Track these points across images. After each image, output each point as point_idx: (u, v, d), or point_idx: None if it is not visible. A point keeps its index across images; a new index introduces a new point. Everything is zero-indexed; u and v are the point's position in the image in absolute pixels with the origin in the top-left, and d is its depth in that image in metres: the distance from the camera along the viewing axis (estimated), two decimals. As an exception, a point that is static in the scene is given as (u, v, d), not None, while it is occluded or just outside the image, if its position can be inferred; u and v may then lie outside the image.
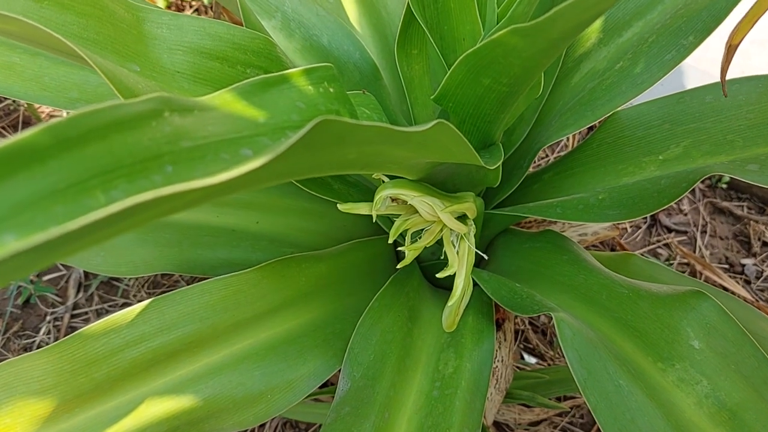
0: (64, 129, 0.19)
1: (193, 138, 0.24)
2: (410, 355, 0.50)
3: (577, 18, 0.27)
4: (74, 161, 0.19)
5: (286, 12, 0.59)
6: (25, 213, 0.17)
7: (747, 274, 0.92)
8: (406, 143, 0.31)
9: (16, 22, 0.31)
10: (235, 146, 0.26)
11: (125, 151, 0.21)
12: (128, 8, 0.39)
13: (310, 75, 0.33)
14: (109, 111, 0.21)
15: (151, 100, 0.23)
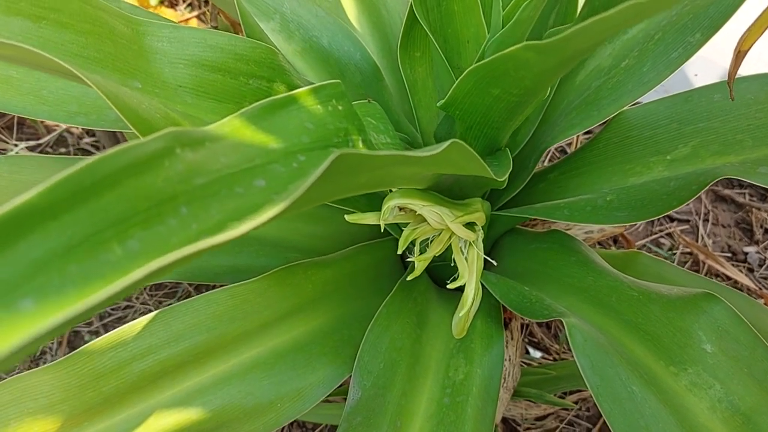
0: (78, 179, 0.18)
1: (206, 173, 0.23)
2: (420, 362, 0.50)
3: (595, 38, 0.27)
4: (88, 213, 0.18)
5: (285, 13, 0.58)
6: (40, 275, 0.17)
7: (750, 262, 0.92)
8: (418, 164, 0.30)
9: (14, 48, 0.30)
10: (249, 177, 0.25)
11: (140, 196, 0.20)
12: (127, 23, 0.38)
13: (318, 94, 0.32)
14: (123, 155, 0.20)
15: (162, 137, 0.22)
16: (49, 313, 0.16)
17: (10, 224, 0.17)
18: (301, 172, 0.28)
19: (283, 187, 0.26)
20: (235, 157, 0.25)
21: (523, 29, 0.43)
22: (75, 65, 0.34)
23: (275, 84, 0.44)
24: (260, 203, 0.24)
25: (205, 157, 0.24)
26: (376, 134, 0.41)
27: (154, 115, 0.35)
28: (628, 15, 0.23)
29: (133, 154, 0.21)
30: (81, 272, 0.17)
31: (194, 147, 0.24)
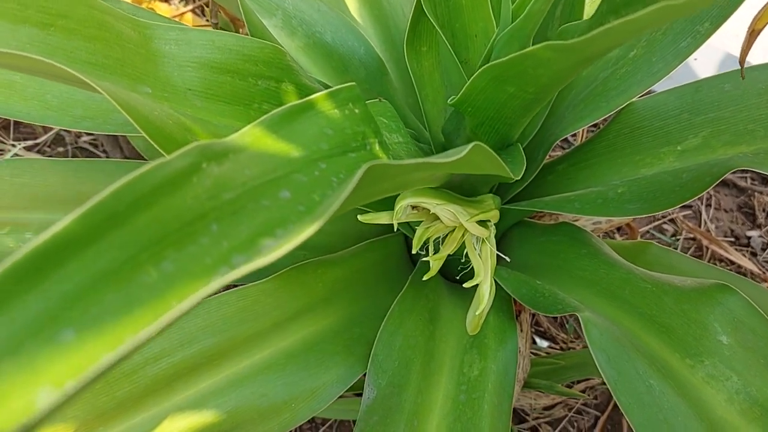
0: (110, 204, 0.18)
1: (233, 187, 0.23)
2: (434, 358, 0.50)
3: (621, 39, 0.26)
4: (123, 238, 0.18)
5: (287, 9, 0.58)
6: (79, 304, 0.16)
7: (753, 246, 0.93)
8: (441, 168, 0.30)
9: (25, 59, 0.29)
10: (274, 189, 0.25)
11: (171, 216, 0.20)
12: (135, 26, 0.38)
13: (334, 98, 0.31)
14: (152, 175, 0.20)
15: (189, 153, 0.22)
16: (90, 343, 0.16)
17: (47, 253, 0.16)
18: (323, 181, 0.28)
19: (307, 197, 0.26)
20: (259, 169, 0.25)
21: (534, 22, 0.42)
22: (85, 72, 0.34)
23: (283, 84, 0.43)
24: (286, 216, 0.24)
25: (230, 170, 0.23)
26: (388, 134, 0.40)
27: (167, 121, 0.34)
28: (659, 16, 0.22)
29: (162, 174, 0.20)
30: (119, 299, 0.17)
31: (219, 160, 0.23)
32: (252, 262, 0.19)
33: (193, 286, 0.19)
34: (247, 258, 0.21)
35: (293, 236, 0.19)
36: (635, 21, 0.23)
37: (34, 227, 0.61)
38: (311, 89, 0.45)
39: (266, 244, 0.22)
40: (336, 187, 0.28)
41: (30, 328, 0.15)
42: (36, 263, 0.16)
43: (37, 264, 0.16)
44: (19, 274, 0.16)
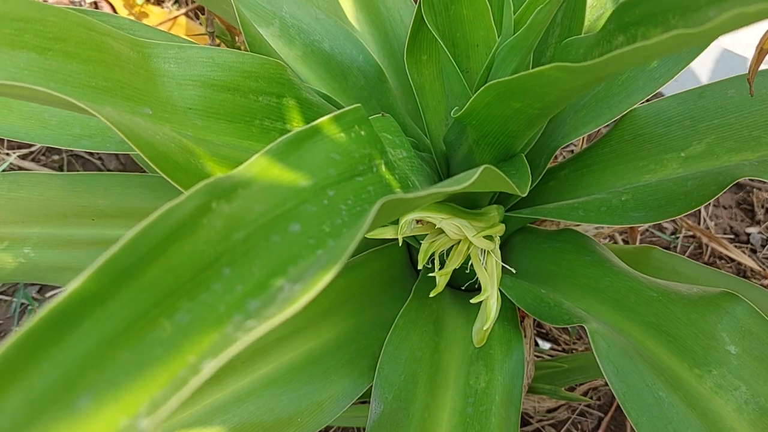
0: (121, 259, 0.17)
1: (244, 225, 0.22)
2: (440, 371, 0.50)
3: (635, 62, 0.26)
4: (136, 293, 0.18)
5: (284, 18, 0.57)
6: (94, 368, 0.16)
7: (752, 243, 0.93)
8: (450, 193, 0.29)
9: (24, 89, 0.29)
10: (284, 223, 0.24)
11: (183, 264, 0.19)
12: (133, 46, 0.37)
13: (340, 121, 0.31)
14: (162, 222, 0.19)
15: (197, 194, 0.21)
16: (107, 408, 0.15)
17: (63, 315, 0.16)
18: (332, 210, 0.27)
19: (316, 229, 0.25)
20: (268, 203, 0.24)
21: (537, 32, 0.42)
22: (85, 96, 0.33)
23: (284, 99, 0.43)
24: (297, 252, 0.24)
25: (239, 207, 0.23)
26: (392, 149, 0.40)
27: (169, 145, 0.33)
28: (675, 43, 0.22)
29: (173, 219, 0.20)
30: (134, 357, 0.17)
31: (228, 198, 0.23)
32: (267, 316, 0.19)
33: (207, 338, 0.18)
34: (261, 303, 0.20)
35: (308, 286, 0.19)
36: (650, 47, 0.23)
37: (31, 242, 0.60)
38: (312, 103, 0.45)
39: (279, 284, 0.21)
40: (344, 215, 0.28)
41: (48, 396, 0.15)
42: (52, 325, 0.15)
43: (53, 326, 0.15)
44: (36, 338, 0.15)
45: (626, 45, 0.29)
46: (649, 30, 0.27)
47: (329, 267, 0.19)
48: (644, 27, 0.27)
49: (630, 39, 0.29)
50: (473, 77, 0.50)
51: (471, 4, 0.46)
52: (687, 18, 0.25)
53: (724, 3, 0.23)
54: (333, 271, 0.19)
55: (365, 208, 0.29)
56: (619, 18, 0.30)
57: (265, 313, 0.18)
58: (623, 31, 0.29)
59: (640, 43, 0.23)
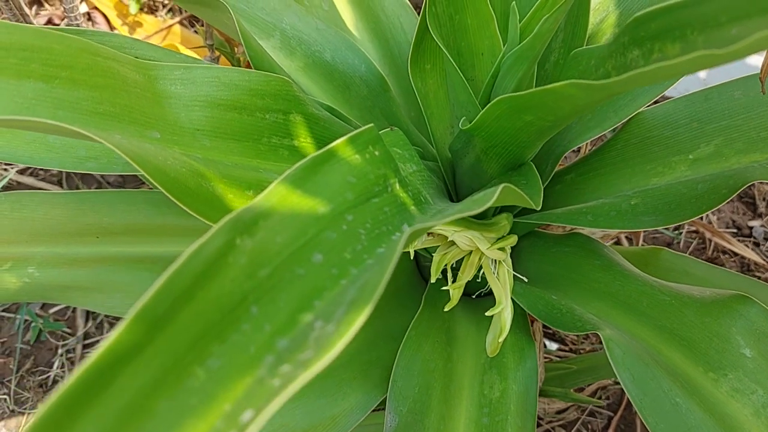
0: (152, 308, 0.17)
1: (268, 260, 0.22)
2: (453, 381, 0.50)
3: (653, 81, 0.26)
4: (168, 341, 0.17)
5: (285, 30, 0.57)
6: (133, 423, 0.16)
7: (755, 236, 0.93)
8: (469, 213, 0.29)
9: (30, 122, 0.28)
10: (306, 253, 0.24)
11: (212, 307, 0.19)
12: (138, 69, 0.37)
13: (354, 143, 0.31)
14: (190, 265, 0.19)
15: (221, 231, 0.21)
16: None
17: (98, 372, 0.15)
18: (352, 235, 0.27)
19: (338, 257, 0.25)
20: (289, 234, 0.24)
21: (543, 41, 0.42)
22: (92, 124, 0.33)
23: (291, 115, 0.43)
24: (321, 283, 0.23)
25: (262, 241, 0.23)
26: (403, 164, 0.40)
27: (180, 170, 0.33)
28: (698, 63, 0.22)
29: (199, 261, 0.19)
30: (171, 410, 0.16)
31: (251, 232, 0.22)
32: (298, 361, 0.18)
33: (240, 384, 0.18)
34: (290, 341, 0.20)
35: (342, 327, 0.19)
36: (673, 66, 0.23)
37: (36, 261, 0.60)
38: (319, 118, 0.44)
39: (307, 320, 0.21)
40: (364, 240, 0.27)
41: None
42: (88, 384, 0.15)
43: (89, 385, 0.15)
44: (73, 398, 0.15)
45: (642, 59, 0.29)
46: (666, 45, 0.27)
47: (361, 306, 0.19)
48: (661, 42, 0.27)
49: (646, 54, 0.28)
50: (479, 86, 0.49)
51: (476, 13, 0.45)
52: (707, 34, 0.25)
53: (747, 21, 0.23)
54: (366, 311, 0.19)
55: (383, 231, 0.29)
56: (633, 31, 0.29)
57: (300, 357, 0.18)
58: (638, 45, 0.29)
59: (663, 62, 0.23)
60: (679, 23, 0.26)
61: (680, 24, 0.26)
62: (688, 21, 0.26)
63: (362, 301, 0.19)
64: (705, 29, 0.25)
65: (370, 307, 0.19)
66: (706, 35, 0.25)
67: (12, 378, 0.79)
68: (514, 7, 0.43)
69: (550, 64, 0.53)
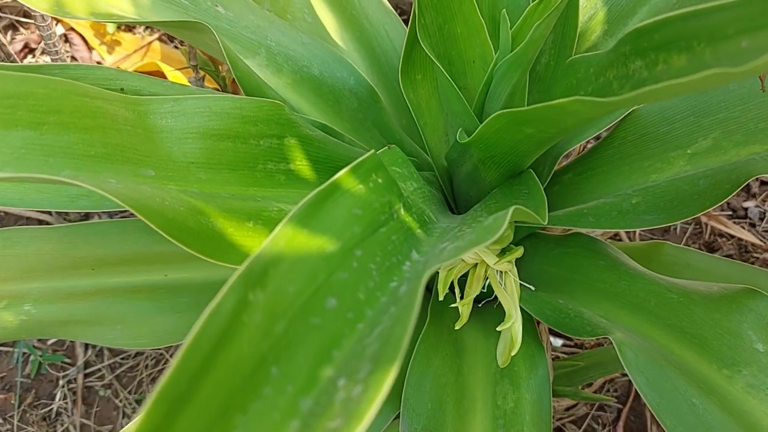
0: (173, 385, 0.16)
1: (282, 313, 0.21)
2: (466, 395, 0.49)
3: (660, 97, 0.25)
4: (189, 422, 0.16)
5: (270, 46, 0.56)
6: None
7: (751, 217, 0.93)
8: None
9: (20, 179, 0.27)
10: (320, 300, 0.23)
11: (232, 375, 0.18)
12: (127, 105, 0.36)
13: (357, 172, 0.30)
14: (206, 333, 0.18)
15: (233, 289, 0.20)
16: None
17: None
18: (363, 272, 0.26)
19: (352, 299, 0.24)
20: (301, 280, 0.23)
21: (535, 48, 0.41)
22: (85, 168, 0.32)
23: (285, 139, 0.42)
24: (338, 330, 0.23)
25: (274, 292, 0.22)
26: (403, 183, 0.39)
27: (178, 209, 0.32)
28: (712, 81, 0.21)
29: (214, 327, 0.19)
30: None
31: (262, 284, 0.22)
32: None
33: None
34: (314, 401, 0.19)
35: (370, 391, 0.18)
36: (684, 84, 0.22)
37: (32, 298, 0.59)
38: (313, 139, 0.44)
39: (327, 375, 0.20)
40: (375, 276, 0.27)
41: None
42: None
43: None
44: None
45: (645, 70, 0.28)
46: (672, 57, 0.26)
47: (387, 365, 0.18)
48: (666, 53, 0.27)
49: (650, 65, 0.28)
50: (472, 93, 0.49)
51: (465, 21, 0.45)
52: (714, 46, 0.24)
53: (757, 33, 0.22)
54: (393, 371, 0.18)
55: (393, 262, 0.28)
56: (635, 41, 0.29)
57: (329, 425, 0.17)
58: (641, 56, 0.28)
59: (674, 80, 0.22)
60: (684, 34, 0.25)
61: (685, 35, 0.25)
62: (693, 32, 0.25)
63: (387, 358, 0.19)
64: (712, 41, 0.24)
65: (396, 366, 0.18)
66: (714, 47, 0.24)
67: (14, 413, 0.78)
68: (505, 15, 0.42)
69: (541, 66, 0.52)
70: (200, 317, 0.18)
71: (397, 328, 0.20)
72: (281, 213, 0.38)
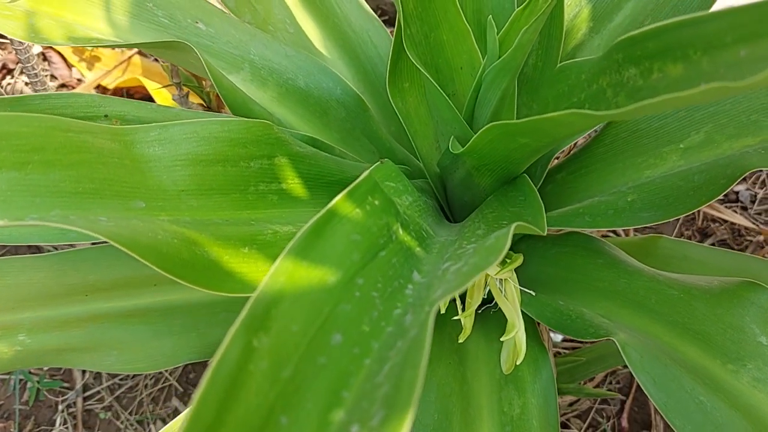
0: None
1: (288, 357, 0.21)
2: (472, 403, 0.49)
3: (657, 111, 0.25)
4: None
5: (254, 61, 0.55)
6: None
7: (742, 201, 0.93)
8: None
9: (10, 225, 0.26)
10: (325, 337, 0.23)
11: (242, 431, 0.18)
12: (113, 136, 0.35)
13: (353, 196, 0.29)
14: (212, 390, 0.17)
15: (237, 337, 0.20)
16: None
17: None
18: (366, 302, 0.26)
19: (357, 333, 0.24)
20: (304, 318, 0.23)
21: (524, 53, 0.41)
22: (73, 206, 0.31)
23: (276, 159, 0.41)
24: (346, 368, 0.22)
25: (278, 334, 0.21)
26: (399, 198, 0.38)
27: (172, 242, 0.32)
28: (713, 95, 0.21)
29: (221, 381, 0.18)
30: None
31: (265, 327, 0.21)
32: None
33: None
34: (328, 449, 0.19)
35: None
36: (685, 98, 0.22)
37: (25, 327, 0.58)
38: (304, 156, 0.43)
39: (339, 419, 0.20)
40: (379, 305, 0.26)
41: None
42: None
43: None
44: None
45: (640, 78, 0.28)
46: (667, 65, 0.26)
47: (402, 413, 0.18)
48: (661, 61, 0.26)
49: (645, 73, 0.27)
50: (461, 100, 0.48)
51: (451, 28, 0.44)
52: (712, 55, 0.24)
53: (756, 42, 0.22)
54: (409, 420, 0.18)
55: (395, 287, 0.28)
56: (627, 49, 0.28)
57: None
58: (635, 64, 0.28)
59: (674, 94, 0.22)
60: (680, 43, 0.25)
61: (681, 44, 0.25)
62: (689, 41, 0.25)
63: (401, 405, 0.18)
64: (709, 49, 0.24)
65: (411, 414, 0.18)
66: (711, 56, 0.24)
67: (14, 442, 0.77)
68: (491, 21, 0.41)
69: (529, 67, 0.52)
70: (206, 372, 0.18)
71: (408, 371, 0.19)
72: (276, 235, 0.38)
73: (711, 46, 0.24)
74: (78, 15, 0.51)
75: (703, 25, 0.24)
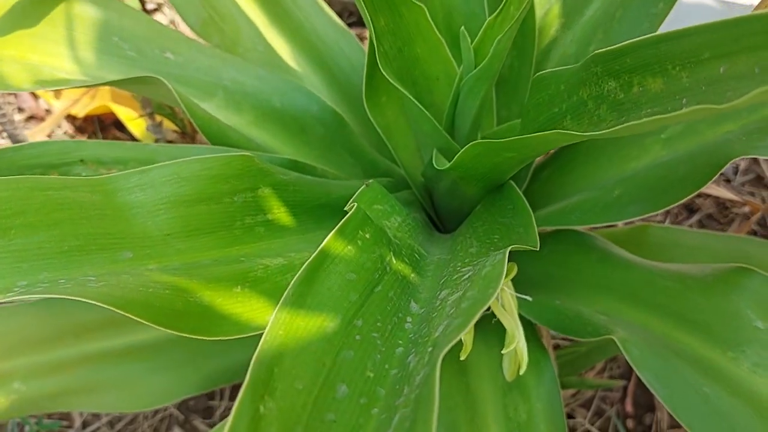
0: None
1: (296, 418, 0.21)
2: (477, 413, 0.49)
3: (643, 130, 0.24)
4: None
5: (227, 86, 0.54)
6: None
7: (725, 174, 0.93)
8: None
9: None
10: (330, 391, 0.23)
11: None
12: (93, 188, 0.34)
13: (344, 233, 0.29)
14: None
15: (243, 406, 0.19)
16: None
17: None
18: (368, 345, 0.25)
19: (362, 381, 0.24)
20: (308, 373, 0.22)
21: (500, 60, 0.40)
22: (59, 266, 0.31)
23: (259, 190, 0.40)
24: (355, 423, 0.22)
25: (284, 395, 0.21)
26: (388, 221, 0.38)
27: (164, 293, 0.31)
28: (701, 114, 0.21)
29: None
30: None
31: (270, 389, 0.21)
32: None
33: None
34: None
35: None
36: (672, 118, 0.21)
37: (20, 374, 0.57)
38: (288, 183, 0.42)
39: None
40: (380, 345, 0.26)
41: None
42: None
43: None
44: None
45: (621, 92, 0.28)
46: (647, 79, 0.26)
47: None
48: (640, 75, 0.26)
49: (625, 86, 0.27)
50: (440, 109, 0.48)
51: (424, 41, 0.44)
52: (690, 70, 0.24)
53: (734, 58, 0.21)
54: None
55: (395, 322, 0.28)
56: (606, 62, 0.28)
57: None
58: (615, 77, 0.28)
59: (661, 116, 0.21)
60: (658, 58, 0.25)
61: (659, 59, 0.25)
62: (666, 56, 0.24)
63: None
64: (687, 65, 0.24)
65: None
66: (690, 71, 0.24)
67: (19, 486, 0.76)
68: (464, 32, 0.41)
69: (505, 69, 0.52)
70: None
71: (419, 426, 0.19)
72: (267, 270, 0.37)
73: (689, 61, 0.23)
74: (43, 56, 0.50)
75: (679, 41, 0.24)
